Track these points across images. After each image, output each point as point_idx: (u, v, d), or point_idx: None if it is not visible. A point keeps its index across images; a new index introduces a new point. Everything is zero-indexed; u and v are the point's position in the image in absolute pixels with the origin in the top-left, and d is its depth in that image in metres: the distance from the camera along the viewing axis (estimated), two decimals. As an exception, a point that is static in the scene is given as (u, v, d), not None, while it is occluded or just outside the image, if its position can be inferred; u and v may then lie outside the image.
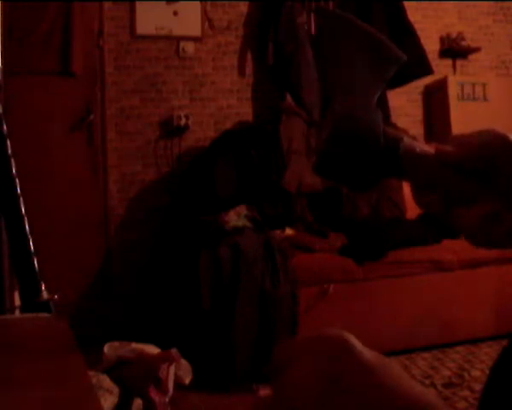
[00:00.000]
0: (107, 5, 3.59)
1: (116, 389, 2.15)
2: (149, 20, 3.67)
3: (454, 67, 4.33)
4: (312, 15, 3.65)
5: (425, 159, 0.52)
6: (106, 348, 2.41)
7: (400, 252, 3.07)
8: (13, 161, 1.03)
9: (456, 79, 4.13)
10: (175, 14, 3.70)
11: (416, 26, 3.82)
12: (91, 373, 2.13)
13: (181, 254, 3.10)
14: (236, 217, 3.02)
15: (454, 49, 4.25)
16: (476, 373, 2.63)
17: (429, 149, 0.53)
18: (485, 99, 4.04)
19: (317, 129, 3.35)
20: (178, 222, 3.42)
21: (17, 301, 1.06)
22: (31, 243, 1.00)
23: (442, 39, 4.29)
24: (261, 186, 3.37)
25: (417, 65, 3.73)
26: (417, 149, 0.53)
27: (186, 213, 3.36)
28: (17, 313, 1.10)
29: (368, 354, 0.36)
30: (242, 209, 3.12)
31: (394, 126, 3.29)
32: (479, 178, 0.51)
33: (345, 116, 0.53)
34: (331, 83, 0.56)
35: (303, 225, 3.37)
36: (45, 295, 0.98)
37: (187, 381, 2.49)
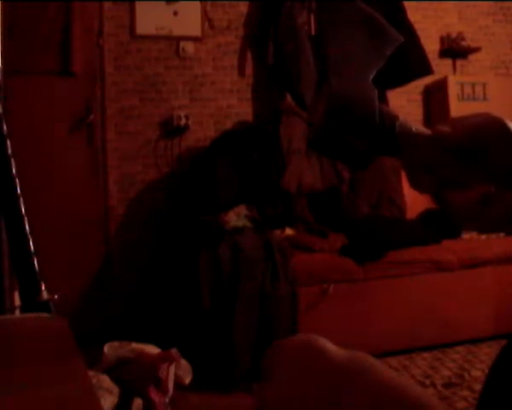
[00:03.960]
0: (107, 5, 3.59)
1: (116, 389, 2.15)
2: (149, 20, 3.67)
3: (454, 67, 4.33)
4: (312, 15, 3.64)
5: (421, 139, 0.52)
6: (106, 348, 2.41)
7: (400, 252, 3.07)
8: (13, 161, 1.03)
9: (456, 79, 4.13)
10: (175, 14, 3.70)
11: (416, 26, 3.82)
12: (91, 373, 2.14)
13: (181, 254, 3.10)
14: (236, 217, 3.02)
15: (454, 49, 4.25)
16: (476, 373, 2.63)
17: (425, 129, 0.54)
18: (485, 99, 4.04)
19: (313, 104, 3.34)
20: (178, 222, 3.42)
21: (17, 301, 1.06)
22: (31, 243, 1.00)
23: (442, 39, 4.29)
24: (261, 186, 3.37)
25: (417, 65, 3.73)
26: (413, 129, 0.53)
27: (186, 213, 3.36)
28: (17, 313, 1.10)
29: (338, 353, 0.36)
30: (242, 209, 3.12)
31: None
32: (474, 160, 0.51)
33: (341, 92, 0.53)
34: (328, 60, 0.57)
35: (303, 225, 3.37)
36: (45, 295, 0.98)
37: (187, 381, 2.49)
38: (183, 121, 3.69)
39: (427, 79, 4.04)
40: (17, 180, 1.02)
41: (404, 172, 0.54)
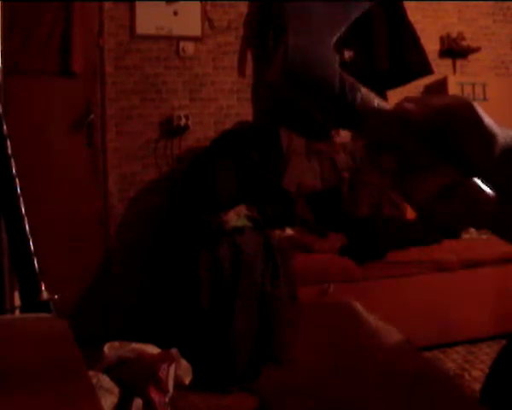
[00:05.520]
0: (107, 5, 3.59)
1: (116, 389, 2.15)
2: (149, 20, 3.67)
3: (454, 67, 4.33)
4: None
5: (383, 114, 0.48)
6: (106, 348, 2.41)
7: (400, 252, 3.07)
8: (13, 161, 1.03)
9: (456, 79, 4.13)
10: (175, 14, 3.70)
11: (416, 26, 3.82)
12: (91, 373, 2.14)
13: (181, 254, 3.10)
14: (236, 217, 3.02)
15: (454, 49, 4.25)
16: (476, 373, 2.63)
17: (388, 105, 0.49)
18: (485, 99, 4.04)
19: (266, 63, 3.26)
20: (178, 222, 3.42)
21: (17, 301, 1.06)
22: (31, 243, 1.00)
23: (442, 39, 4.29)
24: (261, 186, 3.37)
25: (417, 65, 3.73)
26: (376, 103, 0.49)
27: (186, 213, 3.36)
28: (17, 313, 1.10)
29: (372, 320, 0.35)
30: (242, 209, 3.12)
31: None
32: (439, 144, 0.47)
33: (298, 50, 0.49)
34: (285, 14, 0.51)
35: (303, 225, 3.37)
36: (45, 295, 0.98)
37: (187, 381, 2.49)
38: (183, 121, 3.69)
39: (427, 79, 4.03)
40: (17, 180, 1.02)
41: (364, 151, 0.49)
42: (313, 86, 0.48)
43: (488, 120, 0.47)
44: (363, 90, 0.49)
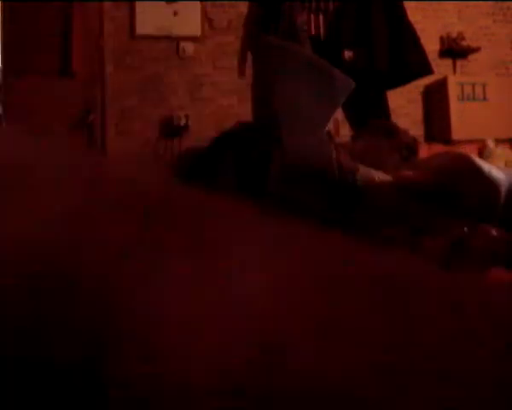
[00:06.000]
0: (107, 5, 3.59)
1: (116, 389, 2.15)
2: (149, 20, 3.67)
3: (454, 67, 4.33)
4: (312, 16, 3.64)
5: (385, 188, 0.49)
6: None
7: (400, 252, 3.07)
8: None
9: (456, 79, 4.13)
10: (175, 14, 3.70)
11: (416, 26, 3.80)
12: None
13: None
14: (236, 217, 3.03)
15: (454, 49, 4.25)
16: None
17: (388, 176, 0.50)
18: (485, 99, 4.04)
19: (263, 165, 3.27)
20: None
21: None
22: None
23: (442, 39, 4.30)
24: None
25: (417, 65, 3.73)
26: (376, 178, 0.50)
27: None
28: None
29: None
30: (242, 209, 3.12)
31: (394, 127, 3.28)
32: (442, 204, 0.48)
33: (294, 151, 0.50)
34: (276, 115, 0.52)
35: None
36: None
37: (187, 381, 2.49)
38: (182, 121, 3.69)
39: (427, 79, 4.03)
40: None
41: (371, 228, 0.49)
42: (314, 179, 0.50)
43: (488, 168, 0.48)
44: (362, 168, 0.51)
